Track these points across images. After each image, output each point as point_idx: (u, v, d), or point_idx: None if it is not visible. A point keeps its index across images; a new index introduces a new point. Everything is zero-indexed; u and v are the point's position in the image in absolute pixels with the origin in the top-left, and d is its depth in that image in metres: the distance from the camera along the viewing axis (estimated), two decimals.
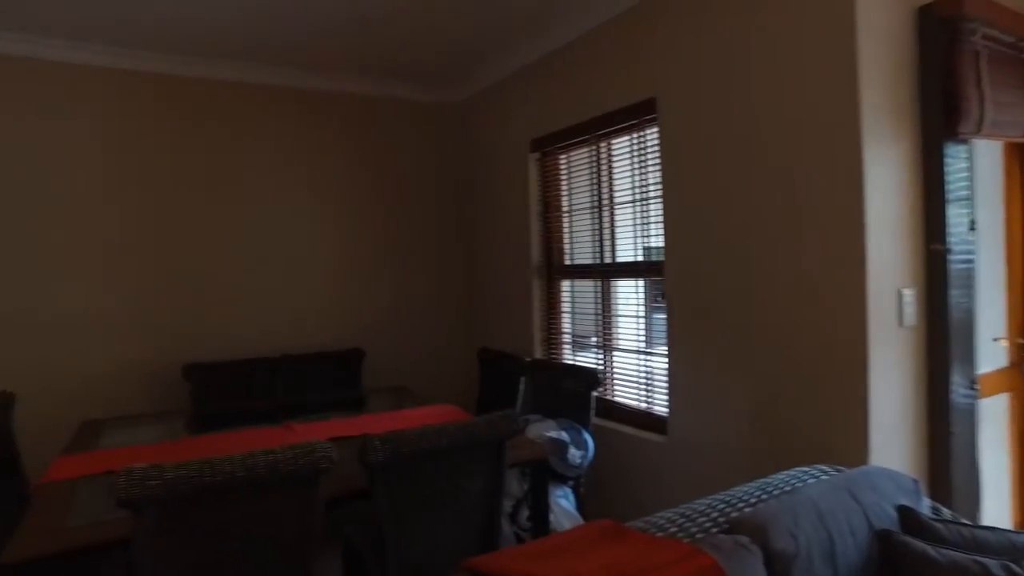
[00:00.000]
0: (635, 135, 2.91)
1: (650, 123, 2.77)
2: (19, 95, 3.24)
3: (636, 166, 2.92)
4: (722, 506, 1.45)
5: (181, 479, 1.47)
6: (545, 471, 2.24)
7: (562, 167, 3.52)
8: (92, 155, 3.39)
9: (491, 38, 3.43)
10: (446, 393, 4.00)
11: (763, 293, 2.25)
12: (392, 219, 4.15)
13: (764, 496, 1.46)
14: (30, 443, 2.73)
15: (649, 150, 2.82)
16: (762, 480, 1.57)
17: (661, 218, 2.71)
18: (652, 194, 2.81)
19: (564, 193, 3.53)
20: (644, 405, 2.93)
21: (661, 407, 2.79)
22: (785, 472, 1.61)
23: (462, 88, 4.24)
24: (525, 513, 2.39)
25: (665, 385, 2.72)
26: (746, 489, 1.53)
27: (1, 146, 3.20)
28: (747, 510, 1.40)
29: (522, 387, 3.16)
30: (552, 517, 2.39)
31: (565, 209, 3.53)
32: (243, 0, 2.88)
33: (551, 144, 3.47)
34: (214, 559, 1.58)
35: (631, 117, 2.86)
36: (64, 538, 1.58)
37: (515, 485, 2.45)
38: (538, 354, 3.63)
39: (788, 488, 1.49)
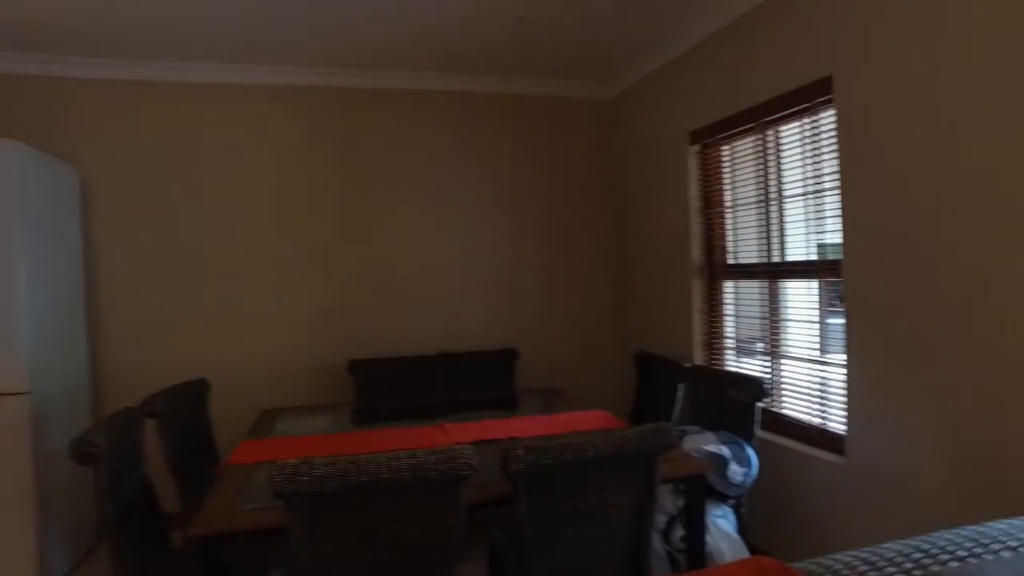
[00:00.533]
0: (807, 120, 2.61)
1: (825, 105, 2.46)
2: (207, 119, 3.66)
3: (808, 154, 2.62)
4: (919, 555, 1.20)
5: (328, 477, 1.52)
6: (702, 488, 2.06)
7: (724, 159, 3.27)
8: (269, 169, 3.75)
9: (646, 28, 3.28)
10: (600, 397, 3.90)
11: (969, 301, 1.89)
12: (548, 218, 4.14)
13: (978, 551, 1.19)
14: (219, 426, 3.06)
15: (824, 136, 2.50)
16: (973, 528, 1.29)
17: (838, 212, 2.39)
18: (828, 185, 2.50)
19: (727, 187, 3.27)
20: (818, 420, 2.61)
21: (838, 423, 2.48)
22: (1006, 522, 1.30)
23: (617, 82, 4.11)
24: (679, 532, 2.22)
25: (843, 399, 2.41)
26: (951, 537, 1.25)
27: (193, 169, 3.64)
28: (953, 565, 1.15)
29: (680, 395, 2.98)
30: (709, 538, 2.21)
31: (728, 204, 3.27)
32: (399, 10, 2.99)
33: (712, 135, 3.23)
34: (361, 554, 1.62)
35: (802, 100, 2.56)
36: (233, 520, 1.72)
37: (669, 501, 2.29)
38: (698, 360, 3.41)
39: (1015, 545, 1.20)
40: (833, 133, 2.42)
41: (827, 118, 2.47)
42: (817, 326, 2.66)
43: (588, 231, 4.22)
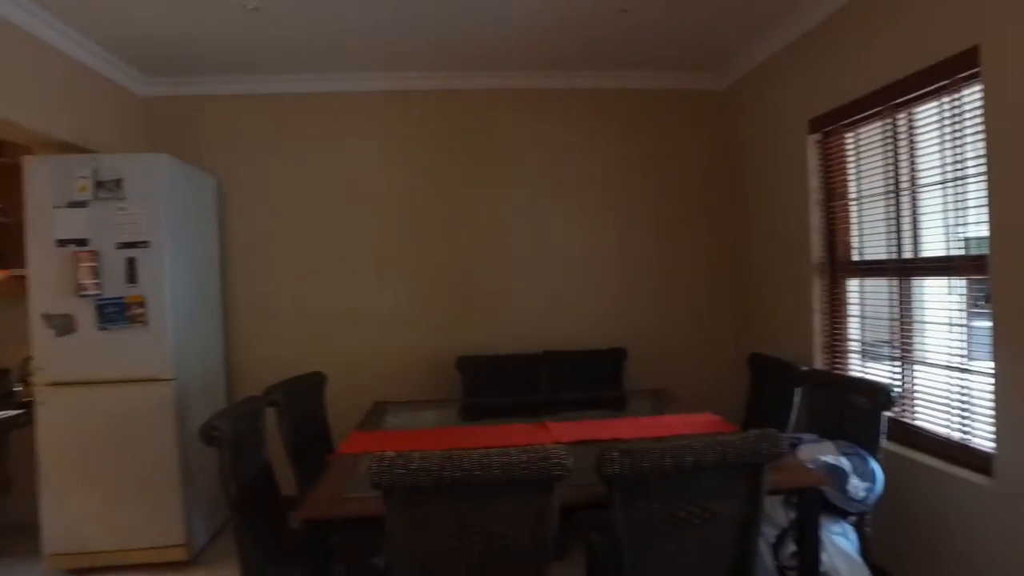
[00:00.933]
0: (946, 99, 2.34)
1: (969, 81, 2.20)
2: (329, 127, 3.88)
3: (948, 138, 2.35)
4: None
5: (423, 471, 1.56)
6: (816, 502, 1.91)
7: (848, 147, 3.02)
8: (384, 172, 3.92)
9: (759, 12, 3.11)
10: (711, 399, 3.72)
11: None
12: (658, 215, 4.03)
13: None
14: (335, 417, 3.23)
15: (967, 116, 2.24)
16: None
17: (984, 201, 2.13)
18: (971, 172, 2.23)
19: (851, 177, 3.02)
20: (958, 434, 2.35)
21: (985, 440, 2.21)
22: None
23: (727, 72, 3.93)
24: (790, 547, 2.07)
25: (991, 412, 2.14)
26: None
27: (316, 175, 3.87)
28: None
29: (796, 400, 2.79)
30: (825, 556, 2.04)
31: (852, 196, 3.02)
32: (510, 12, 3.02)
33: (833, 122, 2.99)
34: (454, 548, 1.64)
35: (941, 77, 2.31)
36: (338, 507, 1.81)
37: (780, 513, 2.14)
38: (818, 363, 3.18)
39: None
40: (979, 112, 2.16)
41: (972, 95, 2.21)
42: (959, 329, 2.38)
43: (700, 227, 4.06)
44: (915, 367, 2.60)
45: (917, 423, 2.56)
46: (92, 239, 3.10)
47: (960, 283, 2.39)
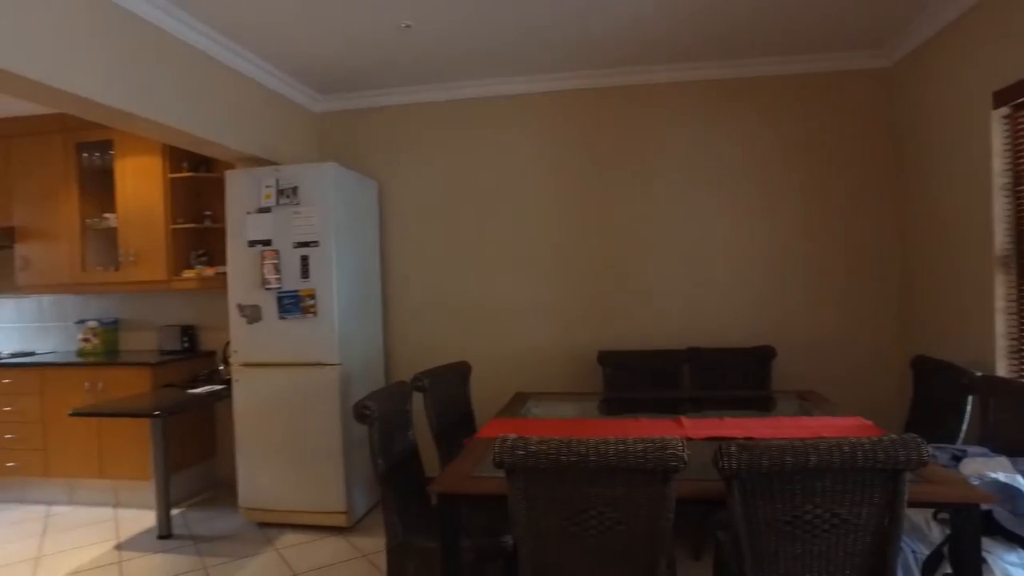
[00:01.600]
0: None
1: None
2: (475, 130, 4.10)
3: None
4: None
5: (541, 453, 1.64)
6: (975, 521, 1.72)
7: None
8: (529, 171, 4.06)
9: None
10: (868, 404, 3.44)
11: None
12: (809, 207, 3.78)
13: None
14: (480, 404, 3.42)
15: None
16: None
17: None
18: None
19: None
20: None
21: None
22: None
23: (894, 48, 3.58)
24: (945, 569, 1.88)
25: None
26: None
27: (465, 175, 4.11)
28: None
29: (968, 409, 2.51)
30: None
31: None
32: (647, 7, 3.02)
33: None
34: (572, 530, 1.71)
35: None
36: (466, 484, 1.96)
37: (936, 530, 1.95)
38: (1000, 369, 2.81)
39: None
40: None
41: None
42: None
43: (859, 218, 3.74)
44: None
45: None
46: (274, 239, 3.57)
47: None
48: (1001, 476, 1.94)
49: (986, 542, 1.91)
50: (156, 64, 2.90)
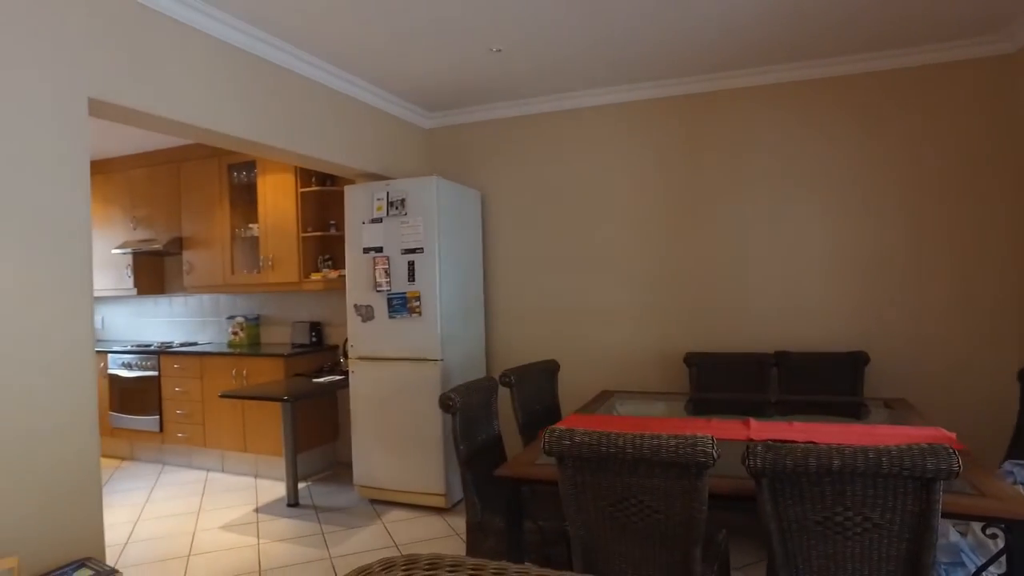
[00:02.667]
0: None
1: None
2: (568, 139, 4.30)
3: None
4: None
5: (584, 444, 1.84)
6: None
7: None
8: (620, 178, 4.20)
9: None
10: (968, 416, 3.30)
11: None
12: (914, 204, 3.62)
13: None
14: (567, 400, 3.64)
15: None
16: None
17: None
18: None
19: None
20: None
21: None
22: None
23: (1015, 34, 3.34)
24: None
25: None
26: None
27: (560, 182, 4.32)
28: None
29: None
30: None
31: None
32: (735, 10, 3.09)
33: None
34: (615, 516, 1.89)
35: None
36: (526, 470, 2.18)
37: (990, 545, 1.92)
38: None
39: None
40: None
41: None
42: None
43: (974, 219, 3.52)
44: None
45: None
46: (385, 247, 3.99)
47: None
48: None
49: None
50: (283, 100, 3.39)
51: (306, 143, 3.53)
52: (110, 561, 2.87)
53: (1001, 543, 1.93)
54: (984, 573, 1.89)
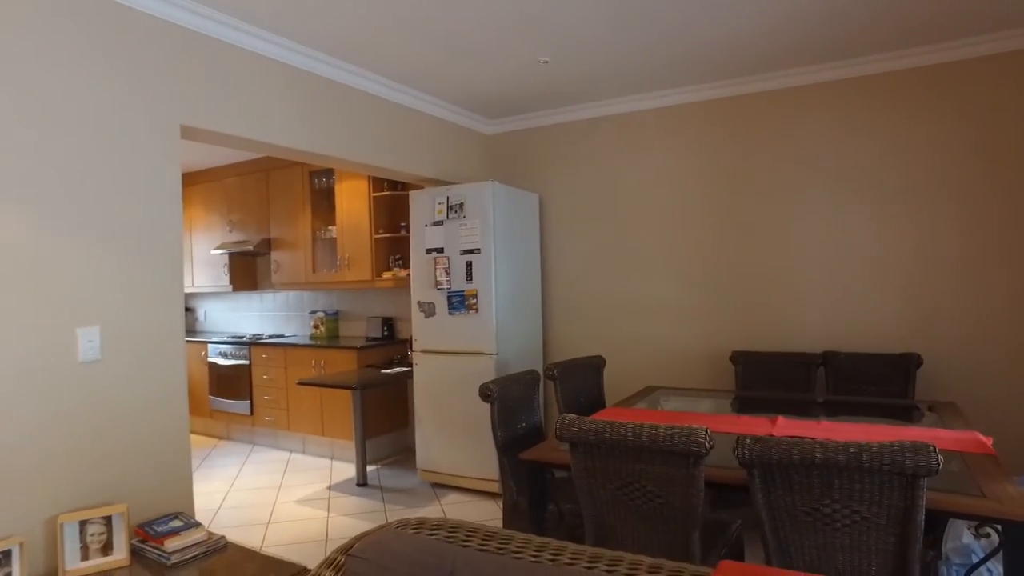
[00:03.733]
0: None
1: None
2: (621, 142, 4.43)
3: None
4: None
5: (591, 431, 2.02)
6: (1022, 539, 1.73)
7: None
8: (671, 179, 4.29)
9: None
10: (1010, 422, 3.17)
11: None
12: (968, 203, 3.50)
13: None
14: (613, 393, 3.79)
15: None
16: None
17: None
18: None
19: None
20: None
21: None
22: None
23: None
24: None
25: None
26: None
27: (613, 184, 4.46)
28: None
29: None
30: None
31: None
32: (766, 12, 3.15)
33: None
34: (621, 498, 2.06)
35: None
36: (547, 455, 2.39)
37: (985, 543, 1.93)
38: None
39: None
40: None
41: None
42: None
43: None
44: None
45: None
46: (445, 247, 4.27)
47: None
48: None
49: None
50: (349, 116, 3.73)
51: (371, 154, 3.86)
52: (204, 522, 3.28)
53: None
54: (987, 574, 1.92)
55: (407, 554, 1.36)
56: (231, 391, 5.69)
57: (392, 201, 5.27)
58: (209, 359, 5.87)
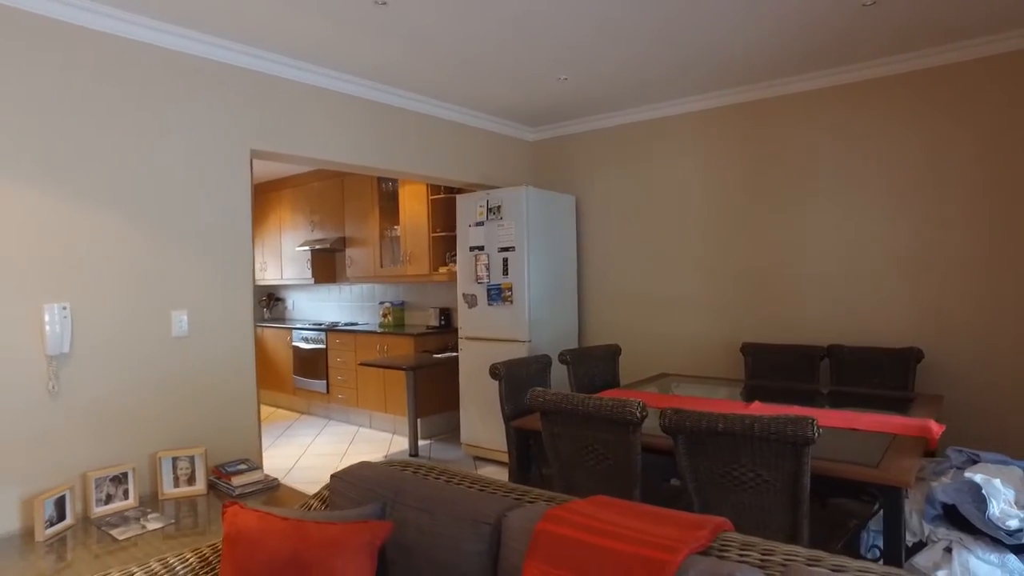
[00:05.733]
0: None
1: None
2: (651, 146, 4.74)
3: None
4: None
5: (553, 402, 2.45)
6: (897, 502, 2.00)
7: None
8: (689, 180, 4.58)
9: None
10: (1011, 417, 3.26)
11: None
12: (978, 202, 3.58)
13: None
14: (630, 379, 4.15)
15: None
16: None
17: None
18: None
19: None
20: None
21: None
22: None
23: None
24: (870, 539, 2.13)
25: None
26: None
27: (642, 185, 4.79)
28: None
29: None
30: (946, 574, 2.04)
31: None
32: (777, 23, 3.42)
33: None
34: (581, 458, 2.48)
35: None
36: (530, 423, 2.83)
37: (915, 521, 2.19)
38: None
39: None
40: None
41: None
42: None
43: None
44: None
45: None
46: (485, 246, 4.77)
47: None
48: (979, 479, 2.08)
49: (954, 534, 2.12)
50: (398, 131, 4.29)
51: (421, 164, 4.41)
52: (279, 476, 3.93)
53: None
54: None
55: (370, 477, 1.87)
56: (311, 371, 6.48)
57: (448, 203, 5.82)
58: (293, 343, 6.69)
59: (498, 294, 4.71)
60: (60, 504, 2.59)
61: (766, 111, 4.24)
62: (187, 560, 1.70)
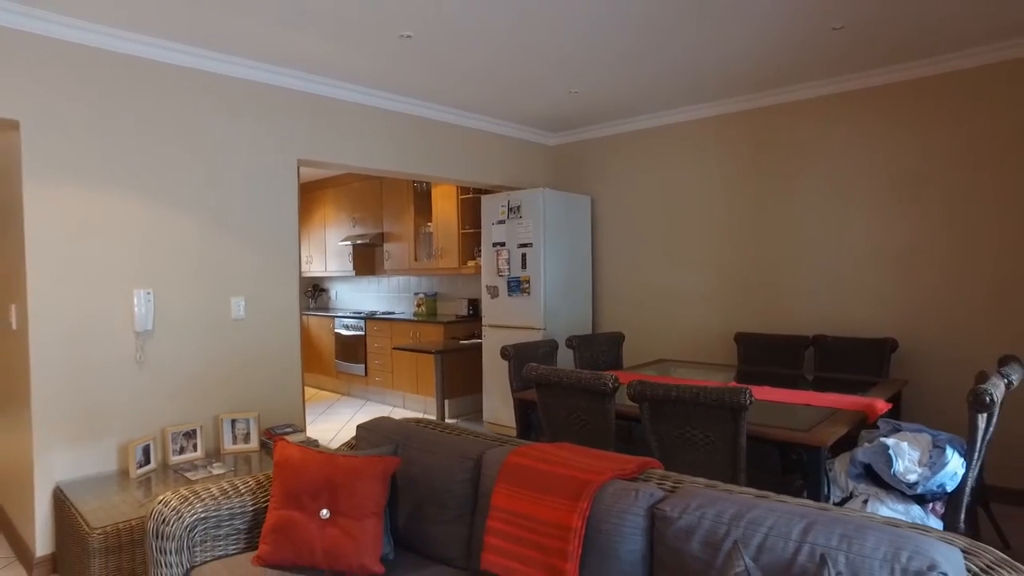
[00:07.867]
0: None
1: None
2: (654, 150, 5.14)
3: None
4: None
5: (543, 375, 2.93)
6: (817, 458, 2.41)
7: None
8: (695, 182, 4.96)
9: None
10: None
11: None
12: (953, 204, 3.88)
13: None
14: (632, 363, 4.58)
15: None
16: None
17: None
18: None
19: None
20: None
21: None
22: None
23: None
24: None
25: None
26: None
27: (653, 186, 5.20)
28: None
29: None
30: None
31: None
32: (760, 39, 3.80)
33: None
34: (568, 423, 2.95)
35: None
36: (528, 395, 3.31)
37: (843, 480, 2.58)
38: None
39: None
40: None
41: None
42: None
43: (1007, 217, 3.70)
44: None
45: None
46: (506, 242, 5.26)
47: None
48: (889, 441, 2.47)
49: (872, 489, 2.51)
50: (429, 140, 4.81)
51: (448, 169, 4.93)
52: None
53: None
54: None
55: (387, 427, 2.39)
56: (351, 356, 7.09)
57: (476, 202, 6.33)
58: (335, 330, 7.32)
59: (517, 286, 5.20)
60: (146, 451, 3.20)
61: (764, 119, 4.60)
62: (248, 483, 2.25)
